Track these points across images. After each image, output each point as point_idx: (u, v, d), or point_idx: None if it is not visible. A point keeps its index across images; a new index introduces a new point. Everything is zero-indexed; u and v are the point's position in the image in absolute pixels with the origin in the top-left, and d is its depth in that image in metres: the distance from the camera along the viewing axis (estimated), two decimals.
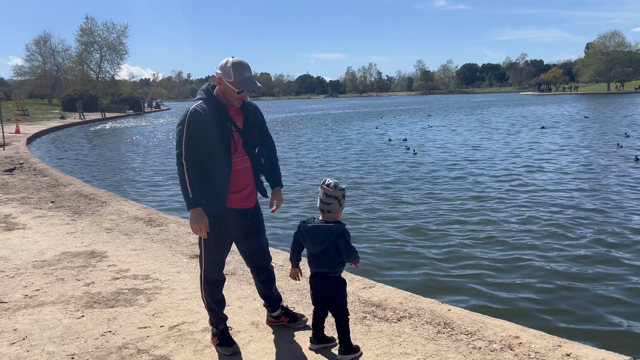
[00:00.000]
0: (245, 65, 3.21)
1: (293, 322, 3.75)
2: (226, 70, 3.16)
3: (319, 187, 3.27)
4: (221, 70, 3.19)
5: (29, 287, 4.66)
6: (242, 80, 3.17)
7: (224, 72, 3.17)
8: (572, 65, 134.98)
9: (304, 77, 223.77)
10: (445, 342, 3.49)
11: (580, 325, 4.81)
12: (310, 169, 15.17)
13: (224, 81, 3.18)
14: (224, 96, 3.24)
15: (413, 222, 8.56)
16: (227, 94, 3.22)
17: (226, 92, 3.22)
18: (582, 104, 56.31)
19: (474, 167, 14.46)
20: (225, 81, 3.17)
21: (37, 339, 3.64)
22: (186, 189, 3.13)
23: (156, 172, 15.76)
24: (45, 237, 6.39)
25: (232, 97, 3.23)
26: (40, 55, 76.09)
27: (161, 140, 27.57)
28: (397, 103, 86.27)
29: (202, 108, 3.15)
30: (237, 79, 3.16)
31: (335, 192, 3.18)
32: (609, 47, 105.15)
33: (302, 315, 3.82)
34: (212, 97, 3.23)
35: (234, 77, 3.15)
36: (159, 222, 7.10)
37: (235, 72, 3.15)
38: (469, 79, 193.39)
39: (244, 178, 3.34)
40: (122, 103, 64.52)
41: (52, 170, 12.89)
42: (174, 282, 4.75)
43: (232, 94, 3.21)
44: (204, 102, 3.19)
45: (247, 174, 3.36)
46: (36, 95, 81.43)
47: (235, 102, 3.26)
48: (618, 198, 9.88)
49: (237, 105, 3.29)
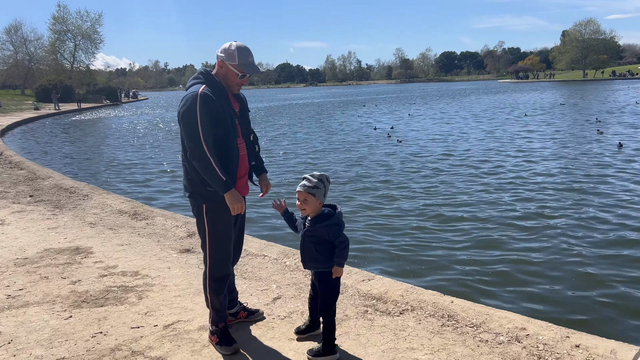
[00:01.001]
0: (249, 49, 3.13)
1: (251, 316, 3.68)
2: (230, 53, 3.07)
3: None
4: (224, 53, 3.09)
5: (12, 287, 4.44)
6: (246, 64, 3.09)
7: (228, 55, 3.08)
8: (549, 52, 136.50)
9: (284, 65, 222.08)
10: (451, 335, 3.40)
11: (587, 315, 4.77)
12: (294, 160, 15.00)
13: (227, 64, 3.09)
14: (225, 80, 3.14)
15: (407, 213, 8.48)
16: (229, 78, 3.13)
17: (228, 75, 3.12)
18: (560, 91, 56.97)
19: (468, 156, 14.42)
20: (228, 64, 3.08)
21: (23, 342, 3.45)
22: (216, 174, 2.97)
23: (138, 164, 15.40)
24: (25, 233, 6.13)
25: (234, 82, 3.15)
26: (11, 44, 73.82)
27: (141, 131, 27.03)
28: (378, 92, 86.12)
29: (210, 91, 3.01)
30: (242, 62, 3.08)
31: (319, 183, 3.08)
32: (585, 35, 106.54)
33: (257, 310, 3.76)
34: (215, 81, 3.11)
35: (238, 60, 3.07)
36: (144, 215, 6.88)
37: (240, 56, 3.07)
38: (448, 67, 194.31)
39: (244, 164, 3.29)
40: (98, 93, 63.08)
41: (29, 163, 12.47)
42: (165, 279, 4.57)
43: (234, 78, 3.12)
44: (208, 86, 3.04)
45: (245, 160, 3.30)
46: (8, 85, 79.23)
47: (235, 88, 3.18)
48: (620, 186, 9.93)
49: (236, 91, 3.22)
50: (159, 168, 14.26)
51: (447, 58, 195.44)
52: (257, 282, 4.44)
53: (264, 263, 4.90)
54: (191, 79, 3.15)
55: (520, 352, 3.15)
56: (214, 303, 3.29)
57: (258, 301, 4.03)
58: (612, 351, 3.08)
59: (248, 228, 7.57)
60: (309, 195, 3.03)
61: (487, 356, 3.13)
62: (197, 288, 4.29)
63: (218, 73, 3.15)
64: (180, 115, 3.01)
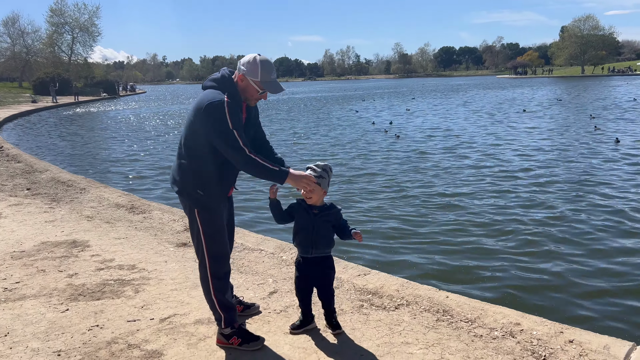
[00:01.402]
0: (272, 65, 3.05)
1: (247, 310, 3.67)
2: (253, 68, 2.99)
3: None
4: (246, 67, 3.00)
5: (8, 280, 4.44)
6: (268, 82, 3.02)
7: (250, 70, 2.99)
8: (548, 48, 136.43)
9: (282, 59, 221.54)
10: (445, 330, 3.42)
11: (581, 310, 4.80)
12: (296, 153, 15.01)
13: (248, 79, 3.00)
14: (243, 93, 3.05)
15: (404, 209, 8.50)
16: (248, 92, 3.05)
17: (247, 89, 3.04)
18: (558, 86, 56.97)
19: (466, 151, 14.45)
20: (250, 79, 3.00)
21: (19, 335, 3.46)
22: (268, 170, 2.94)
23: (136, 157, 15.39)
24: (22, 226, 6.13)
25: (252, 97, 3.08)
26: (8, 36, 73.56)
27: (139, 124, 26.97)
28: (377, 86, 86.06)
29: (231, 98, 2.93)
30: (264, 79, 3.00)
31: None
32: (584, 31, 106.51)
33: (253, 304, 3.76)
34: (235, 89, 3.02)
35: (260, 76, 2.99)
36: (141, 209, 6.88)
37: (263, 72, 2.99)
38: (446, 62, 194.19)
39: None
40: (96, 86, 62.90)
41: (26, 156, 12.45)
42: (161, 272, 4.58)
43: (253, 93, 3.05)
44: (229, 97, 2.93)
45: None
46: (5, 78, 78.90)
47: (252, 101, 3.12)
48: (617, 182, 9.96)
49: (253, 104, 3.16)
50: (157, 162, 14.25)
51: (445, 53, 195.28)
52: (253, 276, 4.45)
53: (261, 257, 4.91)
54: (210, 80, 3.06)
55: (514, 347, 3.17)
56: (223, 303, 3.19)
57: (254, 295, 4.04)
58: (606, 346, 3.10)
59: (245, 222, 7.62)
60: (315, 185, 3.08)
61: (481, 351, 3.15)
62: (194, 282, 4.30)
63: (237, 84, 3.05)
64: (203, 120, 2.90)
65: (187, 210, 3.16)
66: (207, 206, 3.07)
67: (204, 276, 3.19)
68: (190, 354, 3.19)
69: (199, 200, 3.06)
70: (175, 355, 3.17)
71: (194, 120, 2.96)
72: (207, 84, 3.05)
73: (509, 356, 3.08)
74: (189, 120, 3.01)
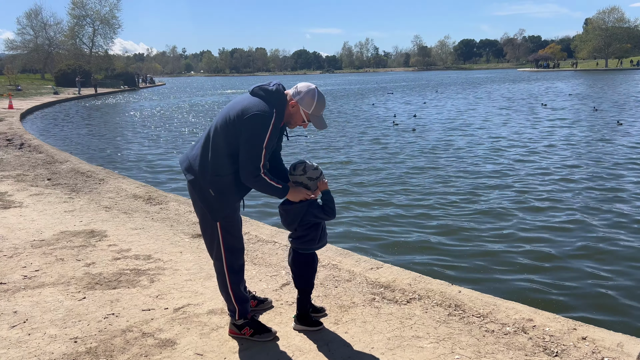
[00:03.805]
0: (325, 103, 3.13)
1: (260, 305, 3.69)
2: (308, 100, 3.02)
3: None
4: (301, 95, 3.02)
5: (28, 268, 4.55)
6: (316, 116, 3.08)
7: (305, 101, 3.02)
8: (571, 41, 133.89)
9: (300, 52, 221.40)
10: (457, 325, 3.41)
11: (594, 307, 4.74)
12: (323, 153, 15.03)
13: (300, 107, 3.02)
14: (288, 117, 3.08)
15: (419, 203, 8.47)
16: (293, 118, 3.08)
17: (294, 116, 3.06)
18: (585, 80, 55.92)
19: (484, 147, 14.30)
20: (301, 108, 3.02)
21: (38, 322, 3.55)
22: (272, 188, 3.02)
23: (155, 149, 15.56)
24: (42, 216, 6.26)
25: (296, 123, 3.11)
26: (32, 28, 74.81)
27: (159, 116, 27.24)
28: (397, 79, 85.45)
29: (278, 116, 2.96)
30: (314, 113, 3.06)
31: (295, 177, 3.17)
32: (608, 23, 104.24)
33: (266, 298, 3.78)
34: (284, 109, 3.02)
35: (312, 110, 3.04)
36: (158, 200, 6.98)
37: (317, 107, 3.05)
38: (467, 54, 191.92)
39: None
40: (116, 78, 63.64)
41: (47, 147, 12.67)
42: (176, 263, 4.65)
43: (298, 121, 3.08)
44: (277, 114, 2.95)
45: None
46: (28, 69, 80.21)
47: (292, 126, 3.15)
48: (632, 177, 9.79)
49: (291, 128, 3.19)
50: (175, 154, 14.40)
51: (466, 46, 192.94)
52: (266, 268, 4.49)
53: (274, 249, 4.95)
54: (262, 90, 3.01)
55: (526, 343, 3.16)
56: (238, 296, 3.24)
57: (267, 287, 4.08)
58: (619, 344, 3.07)
59: (259, 214, 7.67)
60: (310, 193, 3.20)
61: (492, 346, 3.14)
62: (208, 272, 4.36)
63: (287, 107, 3.04)
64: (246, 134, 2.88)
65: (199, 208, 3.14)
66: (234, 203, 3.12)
67: (220, 270, 3.22)
68: (202, 343, 3.24)
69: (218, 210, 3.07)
70: (188, 344, 3.23)
71: (235, 121, 2.91)
72: (258, 92, 3.00)
73: (520, 352, 3.07)
74: (228, 118, 2.95)
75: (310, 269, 3.29)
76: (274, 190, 3.03)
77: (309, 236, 3.18)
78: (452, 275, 5.40)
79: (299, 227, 3.18)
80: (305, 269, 3.28)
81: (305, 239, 3.18)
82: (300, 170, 3.15)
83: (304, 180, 3.14)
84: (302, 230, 3.18)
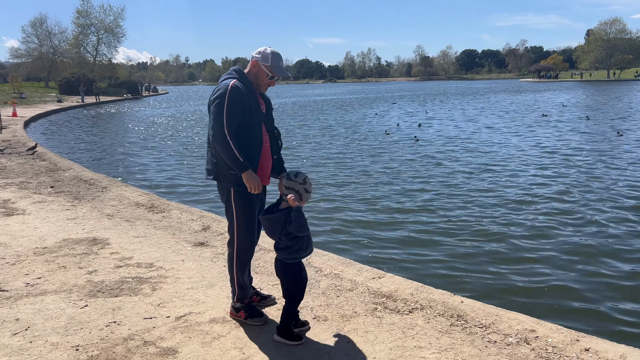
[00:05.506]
0: (281, 56, 3.50)
1: (263, 301, 3.88)
2: (265, 55, 3.44)
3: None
4: (259, 54, 3.45)
5: (30, 275, 4.56)
6: (277, 67, 3.46)
7: (263, 56, 3.44)
8: (572, 52, 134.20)
9: (303, 61, 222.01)
10: (459, 335, 3.40)
11: (598, 318, 4.72)
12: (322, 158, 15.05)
13: (260, 64, 3.43)
14: (255, 79, 3.47)
15: (421, 214, 8.46)
16: (259, 77, 3.47)
17: (259, 75, 3.46)
18: (587, 91, 55.98)
19: (487, 157, 14.31)
20: (261, 64, 3.43)
21: (40, 330, 3.55)
22: (234, 155, 3.25)
23: (157, 157, 15.60)
24: (45, 223, 6.27)
25: (263, 82, 3.48)
26: (36, 37, 75.23)
27: (161, 125, 27.33)
28: (399, 89, 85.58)
29: (240, 85, 3.33)
30: (274, 64, 3.44)
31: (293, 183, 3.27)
32: (610, 34, 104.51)
33: (269, 295, 3.97)
34: (246, 77, 3.43)
35: (271, 62, 3.43)
36: (161, 208, 6.99)
37: (273, 59, 3.43)
38: (469, 65, 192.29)
39: (267, 155, 3.54)
40: (119, 87, 63.92)
41: (50, 154, 12.72)
42: (178, 271, 4.65)
43: (264, 78, 3.47)
44: (239, 80, 3.35)
45: (268, 152, 3.56)
46: (32, 77, 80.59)
47: (263, 87, 3.52)
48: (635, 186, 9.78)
49: (264, 90, 3.56)
50: (177, 162, 14.43)
51: (467, 56, 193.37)
52: (268, 276, 4.49)
53: None
54: (225, 75, 3.46)
55: (528, 354, 3.14)
56: (240, 280, 3.56)
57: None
58: (622, 356, 3.05)
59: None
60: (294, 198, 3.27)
61: (494, 357, 3.12)
62: (210, 281, 4.36)
63: (250, 72, 3.48)
64: (210, 103, 3.33)
65: (225, 197, 3.48)
66: (242, 184, 3.34)
67: (230, 255, 3.57)
68: (204, 352, 3.24)
69: (234, 179, 3.36)
70: (189, 353, 3.22)
71: (209, 105, 3.36)
72: (223, 77, 3.45)
73: None
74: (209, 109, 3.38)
75: (300, 277, 3.36)
76: (235, 162, 3.26)
77: (295, 246, 3.26)
78: (454, 285, 5.38)
79: (284, 237, 3.25)
80: (297, 278, 3.35)
81: (292, 250, 3.26)
82: (301, 180, 3.26)
83: (300, 189, 3.25)
84: (288, 240, 3.25)
